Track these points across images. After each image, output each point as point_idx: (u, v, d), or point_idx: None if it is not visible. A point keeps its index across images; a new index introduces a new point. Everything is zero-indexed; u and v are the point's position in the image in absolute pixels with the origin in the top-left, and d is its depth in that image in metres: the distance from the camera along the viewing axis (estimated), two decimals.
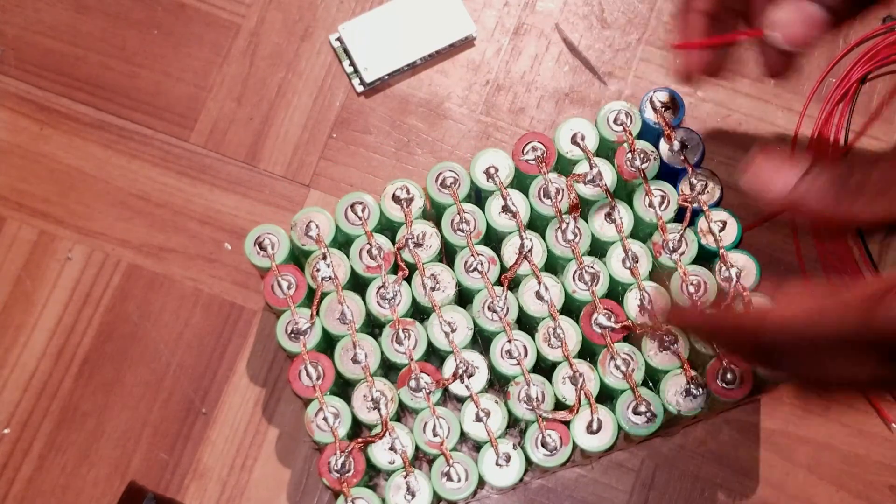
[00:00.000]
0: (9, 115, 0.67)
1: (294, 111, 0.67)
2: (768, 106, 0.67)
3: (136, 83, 0.67)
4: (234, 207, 0.65)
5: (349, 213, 0.58)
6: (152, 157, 0.66)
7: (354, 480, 0.54)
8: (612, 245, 0.57)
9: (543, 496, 0.61)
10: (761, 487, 0.61)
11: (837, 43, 0.68)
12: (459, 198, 0.58)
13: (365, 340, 0.56)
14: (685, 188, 0.58)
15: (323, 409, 0.55)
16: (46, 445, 0.62)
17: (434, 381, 0.55)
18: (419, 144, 0.66)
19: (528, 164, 0.58)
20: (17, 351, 0.63)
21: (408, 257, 0.57)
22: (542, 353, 0.56)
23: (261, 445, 0.62)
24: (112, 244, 0.65)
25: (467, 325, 0.56)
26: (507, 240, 0.57)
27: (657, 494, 0.61)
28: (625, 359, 0.56)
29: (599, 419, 0.55)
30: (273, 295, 0.57)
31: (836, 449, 0.62)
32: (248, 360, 0.63)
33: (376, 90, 0.67)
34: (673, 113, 0.59)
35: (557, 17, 0.68)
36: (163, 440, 0.62)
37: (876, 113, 0.65)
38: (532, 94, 0.67)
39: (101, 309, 0.64)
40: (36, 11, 0.68)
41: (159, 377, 0.63)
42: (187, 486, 0.61)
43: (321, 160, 0.66)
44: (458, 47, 0.68)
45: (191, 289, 0.64)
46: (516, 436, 0.58)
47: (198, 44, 0.68)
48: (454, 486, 0.54)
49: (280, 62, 0.68)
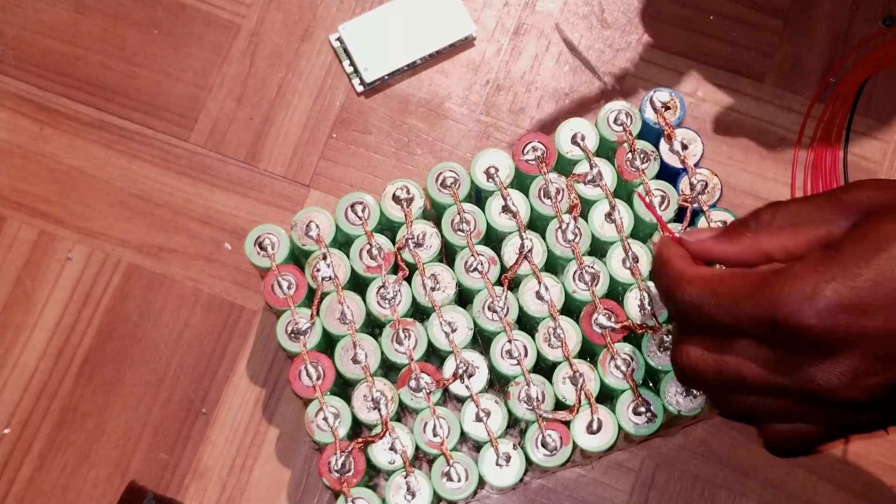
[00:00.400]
0: (9, 115, 0.67)
1: (294, 111, 0.67)
2: (768, 106, 0.67)
3: (136, 83, 0.67)
4: (234, 207, 0.65)
5: (349, 213, 0.58)
6: (152, 157, 0.66)
7: (354, 480, 0.54)
8: (612, 245, 0.57)
9: (543, 496, 0.61)
10: (761, 487, 0.61)
11: (838, 45, 0.68)
12: (459, 198, 0.58)
13: (365, 340, 0.56)
14: (685, 188, 0.58)
15: (323, 409, 0.55)
16: (46, 445, 0.62)
17: (434, 381, 0.55)
18: (419, 144, 0.66)
19: (528, 164, 0.58)
20: (17, 351, 0.63)
21: (408, 257, 0.57)
22: (542, 353, 0.56)
23: (261, 445, 0.62)
24: (112, 244, 0.65)
25: (467, 325, 0.56)
26: (508, 240, 0.57)
27: (657, 494, 0.61)
28: (625, 359, 0.56)
29: (599, 419, 0.55)
30: (273, 295, 0.57)
31: (836, 449, 0.62)
32: (248, 360, 0.63)
33: (376, 90, 0.67)
34: (673, 113, 0.59)
35: (557, 17, 0.68)
36: (163, 440, 0.62)
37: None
38: (532, 94, 0.67)
39: (101, 309, 0.64)
40: (36, 11, 0.68)
41: (159, 377, 0.63)
42: (187, 486, 0.61)
43: (321, 160, 0.66)
44: (458, 47, 0.68)
45: (191, 289, 0.64)
46: (516, 436, 0.58)
47: (198, 44, 0.68)
48: (454, 486, 0.54)
49: (280, 62, 0.68)
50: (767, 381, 0.44)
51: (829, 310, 0.41)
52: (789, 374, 0.43)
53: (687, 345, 0.47)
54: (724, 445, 0.62)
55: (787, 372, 0.44)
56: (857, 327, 0.41)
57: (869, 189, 0.45)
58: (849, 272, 0.42)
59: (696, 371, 0.47)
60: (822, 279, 0.42)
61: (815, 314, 0.41)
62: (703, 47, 0.68)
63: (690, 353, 0.46)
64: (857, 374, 0.42)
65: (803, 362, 0.43)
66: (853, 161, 0.66)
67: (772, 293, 0.43)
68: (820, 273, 0.42)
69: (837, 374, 0.42)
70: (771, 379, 0.44)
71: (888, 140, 0.66)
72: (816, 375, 0.43)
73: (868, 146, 0.66)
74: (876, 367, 0.42)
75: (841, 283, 0.41)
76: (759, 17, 0.68)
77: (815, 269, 0.42)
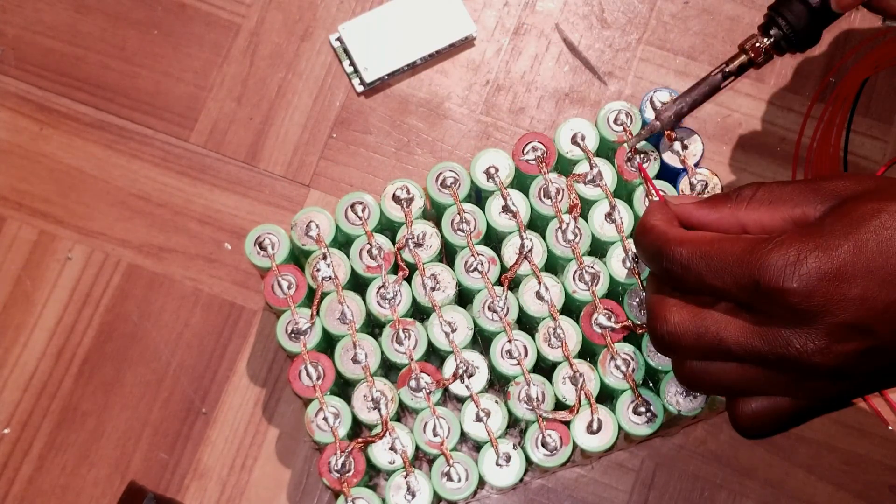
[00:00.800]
0: (9, 115, 0.67)
1: (294, 111, 0.67)
2: (769, 106, 0.67)
3: (136, 83, 0.67)
4: (234, 207, 0.65)
5: (349, 213, 0.58)
6: (152, 157, 0.66)
7: (354, 480, 0.54)
8: (612, 245, 0.57)
9: (543, 496, 0.61)
10: (761, 487, 0.61)
11: (838, 45, 0.68)
12: (459, 198, 0.58)
13: (365, 340, 0.56)
14: (685, 188, 0.58)
15: (323, 409, 0.55)
16: (46, 445, 0.62)
17: (434, 381, 0.55)
18: (419, 144, 0.66)
19: (528, 164, 0.58)
20: (17, 351, 0.63)
21: (408, 257, 0.57)
22: (542, 353, 0.56)
23: (261, 445, 0.62)
24: (112, 244, 0.65)
25: (467, 325, 0.56)
26: (508, 240, 0.57)
27: (657, 494, 0.61)
28: (625, 359, 0.56)
29: (599, 419, 0.55)
30: (273, 295, 0.57)
31: (836, 449, 0.62)
32: (248, 360, 0.63)
33: (376, 90, 0.67)
34: None
35: (557, 17, 0.68)
36: (163, 440, 0.62)
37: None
38: (532, 94, 0.67)
39: (101, 309, 0.64)
40: (36, 11, 0.68)
41: (159, 377, 0.63)
42: (187, 486, 0.61)
43: (321, 160, 0.66)
44: (458, 47, 0.68)
45: (191, 289, 0.64)
46: (516, 436, 0.58)
47: (198, 44, 0.68)
48: (454, 486, 0.54)
49: (280, 62, 0.68)
50: (745, 346, 0.46)
51: (810, 275, 0.44)
52: (767, 338, 0.45)
53: (667, 309, 0.48)
54: (724, 445, 0.62)
55: (765, 337, 0.45)
56: (835, 294, 0.44)
57: (848, 180, 0.47)
58: (830, 244, 0.44)
59: (675, 335, 0.48)
60: (805, 248, 0.44)
61: (797, 279, 0.44)
62: (704, 47, 0.68)
63: (670, 317, 0.48)
64: (833, 340, 0.44)
65: (781, 327, 0.45)
66: (853, 161, 0.66)
67: (758, 257, 0.45)
68: (804, 243, 0.45)
69: (814, 339, 0.44)
70: (749, 343, 0.46)
71: (888, 140, 0.66)
72: (793, 340, 0.45)
73: (868, 146, 0.66)
74: (851, 334, 0.44)
75: (823, 252, 0.44)
76: (759, 16, 0.68)
77: (800, 239, 0.45)
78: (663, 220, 0.50)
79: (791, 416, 0.49)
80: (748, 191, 0.49)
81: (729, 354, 0.47)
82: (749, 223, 0.49)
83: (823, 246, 0.44)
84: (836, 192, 0.47)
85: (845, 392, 0.47)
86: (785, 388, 0.47)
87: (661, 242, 0.49)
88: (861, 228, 0.44)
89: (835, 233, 0.45)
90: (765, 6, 0.56)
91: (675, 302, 0.48)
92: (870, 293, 0.44)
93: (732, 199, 0.49)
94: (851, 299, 0.44)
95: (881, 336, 0.44)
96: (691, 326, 0.47)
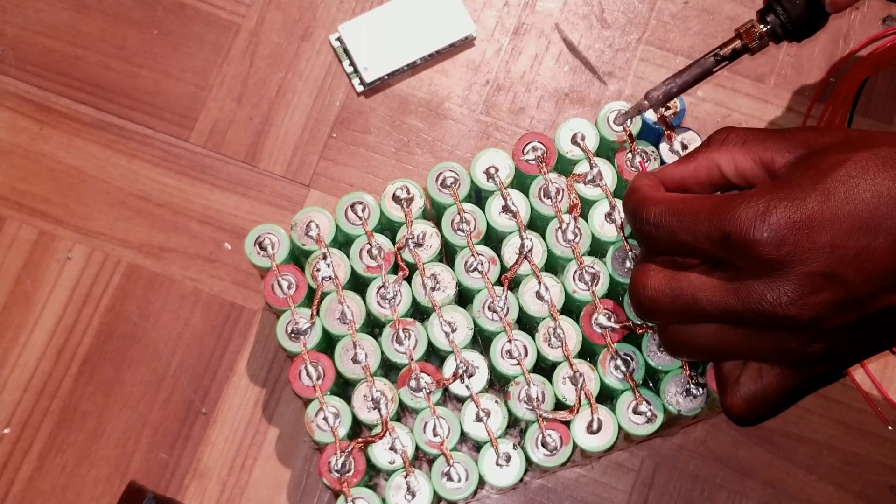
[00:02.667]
0: (9, 115, 0.67)
1: (294, 111, 0.67)
2: (768, 106, 0.67)
3: (136, 83, 0.67)
4: (234, 207, 0.65)
5: (349, 213, 0.58)
6: (152, 157, 0.66)
7: (354, 480, 0.54)
8: (612, 245, 0.57)
9: (543, 496, 0.61)
10: (761, 487, 0.61)
11: (838, 45, 0.68)
12: (459, 198, 0.58)
13: (365, 340, 0.56)
14: None
15: (323, 409, 0.55)
16: (46, 445, 0.62)
17: (434, 381, 0.55)
18: (419, 144, 0.66)
19: (528, 164, 0.58)
20: (17, 351, 0.63)
21: (408, 257, 0.57)
22: (542, 353, 0.56)
23: (261, 445, 0.62)
24: (112, 244, 0.65)
25: (467, 325, 0.56)
26: (508, 240, 0.57)
27: (657, 494, 0.61)
28: (625, 359, 0.56)
29: (599, 419, 0.55)
30: (273, 295, 0.57)
31: (836, 449, 0.62)
32: (248, 360, 0.63)
33: (376, 90, 0.67)
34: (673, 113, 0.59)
35: (557, 17, 0.68)
36: (163, 440, 0.62)
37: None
38: (532, 94, 0.67)
39: (101, 309, 0.64)
40: (36, 11, 0.68)
41: (159, 377, 0.63)
42: (187, 486, 0.61)
43: (321, 160, 0.66)
44: (458, 47, 0.68)
45: (191, 289, 0.64)
46: (516, 436, 0.58)
47: (198, 44, 0.68)
48: (454, 486, 0.54)
49: (280, 62, 0.68)
50: (719, 304, 0.47)
51: (780, 225, 0.45)
52: (740, 295, 0.46)
53: (646, 275, 0.50)
54: (724, 445, 0.62)
55: (739, 293, 0.46)
56: (804, 243, 0.44)
57: (816, 132, 0.49)
58: (798, 194, 0.45)
59: (652, 300, 0.49)
60: (773, 199, 0.45)
61: (767, 228, 0.45)
62: (704, 47, 0.68)
63: (648, 281, 0.49)
64: (805, 290, 0.45)
65: (754, 281, 0.45)
66: None
67: (727, 210, 0.46)
68: (772, 195, 0.45)
69: (786, 290, 0.45)
70: (723, 301, 0.46)
71: None
72: (766, 293, 0.45)
73: None
74: (822, 284, 0.45)
75: (791, 202, 0.45)
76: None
77: (768, 191, 0.46)
78: (647, 184, 0.52)
79: (782, 396, 0.49)
80: (721, 134, 0.51)
81: (706, 315, 0.47)
82: (723, 163, 0.50)
83: (791, 196, 0.45)
84: (805, 141, 0.48)
85: (827, 356, 0.47)
86: (764, 351, 0.48)
87: (639, 204, 0.50)
88: (828, 178, 0.45)
89: (802, 183, 0.45)
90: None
91: (653, 268, 0.50)
92: (839, 241, 0.44)
93: (706, 144, 0.51)
94: (821, 247, 0.44)
95: (853, 285, 0.45)
96: (667, 290, 0.49)
